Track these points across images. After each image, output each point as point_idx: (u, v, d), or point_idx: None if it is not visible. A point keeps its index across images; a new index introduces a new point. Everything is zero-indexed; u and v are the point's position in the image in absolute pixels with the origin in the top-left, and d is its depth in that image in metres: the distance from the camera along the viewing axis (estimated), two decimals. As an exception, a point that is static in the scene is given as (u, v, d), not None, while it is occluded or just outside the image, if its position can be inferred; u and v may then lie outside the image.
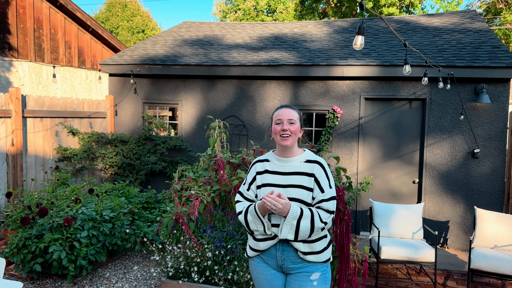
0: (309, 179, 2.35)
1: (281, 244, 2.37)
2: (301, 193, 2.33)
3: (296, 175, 2.37)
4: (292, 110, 2.42)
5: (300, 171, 2.37)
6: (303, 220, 2.25)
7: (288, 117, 2.38)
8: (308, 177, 2.35)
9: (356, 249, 4.23)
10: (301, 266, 2.36)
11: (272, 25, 9.47)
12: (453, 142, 6.07)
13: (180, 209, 4.09)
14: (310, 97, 6.66)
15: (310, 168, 2.37)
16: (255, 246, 2.46)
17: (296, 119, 2.40)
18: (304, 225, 2.25)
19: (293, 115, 2.40)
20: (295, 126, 2.38)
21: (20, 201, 4.94)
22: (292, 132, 2.36)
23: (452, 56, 6.19)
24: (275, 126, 2.40)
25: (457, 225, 6.11)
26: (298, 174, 2.37)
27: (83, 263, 4.30)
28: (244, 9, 21.79)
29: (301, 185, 2.34)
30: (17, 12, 8.64)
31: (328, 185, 2.36)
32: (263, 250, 2.42)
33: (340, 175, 3.85)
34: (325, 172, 2.38)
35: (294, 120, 2.38)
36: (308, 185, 2.34)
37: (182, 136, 7.32)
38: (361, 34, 2.58)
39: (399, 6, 19.30)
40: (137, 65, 7.25)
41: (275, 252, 2.39)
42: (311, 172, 2.36)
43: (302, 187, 2.33)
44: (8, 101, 5.63)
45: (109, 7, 23.86)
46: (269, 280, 2.44)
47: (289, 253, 2.36)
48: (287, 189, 2.34)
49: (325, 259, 2.40)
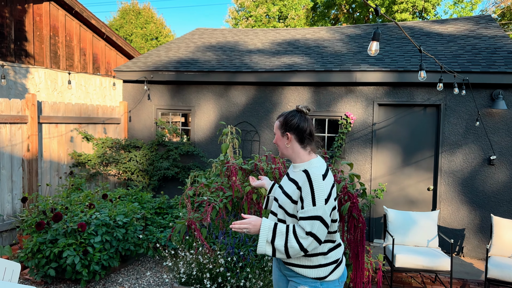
0: (294, 190, 2.20)
1: None
2: (285, 202, 2.24)
3: (291, 183, 2.28)
4: (276, 121, 2.38)
5: (294, 179, 2.26)
6: (277, 237, 2.13)
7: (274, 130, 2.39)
8: (295, 187, 2.20)
9: (370, 257, 4.18)
10: (292, 275, 2.28)
11: (285, 31, 9.48)
12: (469, 148, 5.98)
13: (192, 215, 4.10)
14: (323, 103, 6.64)
15: (300, 178, 2.20)
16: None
17: (276, 129, 2.36)
18: (278, 243, 2.12)
19: (275, 126, 2.37)
20: (276, 136, 2.36)
21: (35, 206, 5.00)
22: (275, 143, 2.38)
23: (467, 62, 6.12)
24: None
25: (473, 233, 6.00)
26: (292, 181, 2.27)
27: (96, 268, 4.32)
28: (256, 16, 21.89)
29: (288, 194, 2.24)
30: (34, 20, 8.81)
31: (310, 201, 2.11)
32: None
33: (353, 182, 3.81)
34: (311, 186, 2.12)
35: (275, 131, 2.37)
36: (292, 196, 2.20)
37: (194, 142, 7.35)
38: (376, 40, 2.56)
39: (412, 12, 19.19)
40: (150, 72, 7.31)
41: None
42: (299, 183, 2.19)
43: (288, 196, 2.24)
44: (25, 107, 5.72)
45: (123, 15, 24.18)
46: (276, 280, 2.47)
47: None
48: (280, 194, 2.33)
49: (315, 276, 2.20)
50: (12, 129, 5.57)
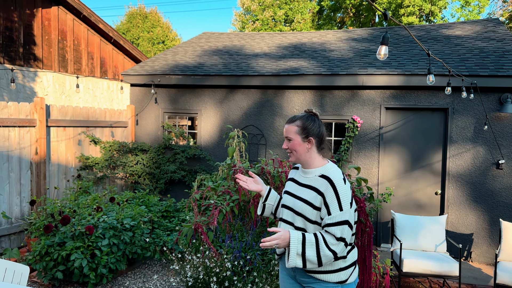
0: (315, 197, 2.19)
1: None
2: (305, 208, 2.21)
3: (307, 189, 2.26)
4: (290, 125, 2.30)
5: (311, 185, 2.25)
6: (308, 248, 2.09)
7: (285, 134, 2.30)
8: (317, 194, 2.19)
9: (377, 261, 4.15)
10: (310, 281, 2.26)
11: (291, 35, 9.50)
12: (477, 152, 5.94)
13: (199, 218, 4.10)
14: (329, 106, 6.63)
15: (319, 184, 2.20)
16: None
17: (293, 134, 2.26)
18: (310, 254, 2.09)
19: (290, 130, 2.28)
20: (292, 142, 2.27)
21: (43, 209, 5.03)
22: (291, 149, 2.29)
23: (475, 65, 6.08)
24: None
25: (481, 238, 5.95)
26: (309, 188, 2.25)
27: (103, 271, 4.34)
28: (262, 20, 21.94)
29: (307, 200, 2.21)
30: (42, 24, 8.89)
31: (337, 207, 2.11)
32: (280, 255, 2.43)
33: (361, 186, 3.79)
34: (335, 191, 2.13)
35: (290, 136, 2.27)
36: (314, 203, 2.18)
37: (201, 145, 7.36)
38: (385, 44, 2.55)
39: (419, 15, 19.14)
40: (158, 75, 7.35)
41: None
42: (320, 189, 2.19)
43: (307, 203, 2.21)
44: (33, 110, 5.77)
45: (130, 19, 24.34)
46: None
47: None
48: (295, 201, 2.28)
49: (337, 280, 2.20)
50: (21, 133, 5.62)
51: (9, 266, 2.72)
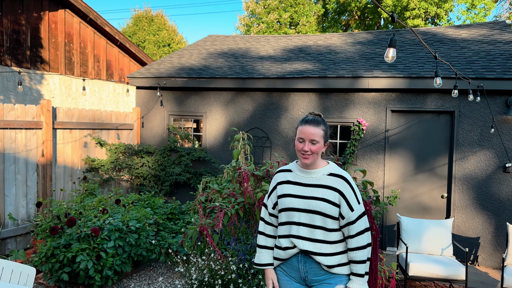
0: (334, 194, 2.26)
1: (303, 256, 2.32)
2: (325, 206, 2.25)
3: (319, 188, 2.30)
4: (315, 128, 2.27)
5: (324, 184, 2.29)
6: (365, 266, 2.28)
7: (310, 137, 2.25)
8: (333, 191, 2.27)
9: (383, 265, 4.13)
10: (324, 278, 2.30)
11: (296, 38, 9.50)
12: (483, 156, 5.90)
13: (204, 220, 4.10)
14: (334, 109, 6.62)
15: (334, 182, 2.29)
16: (276, 254, 2.43)
17: (320, 138, 2.27)
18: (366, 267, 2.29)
19: (316, 134, 2.26)
20: (318, 145, 2.27)
21: (50, 210, 5.05)
22: (313, 152, 2.27)
23: (482, 68, 6.05)
24: (297, 143, 2.31)
25: (488, 241, 5.90)
26: (321, 187, 2.29)
27: (109, 273, 4.35)
28: (267, 22, 21.98)
29: (325, 198, 2.26)
30: (49, 27, 8.96)
31: (356, 202, 2.28)
32: (284, 260, 2.39)
33: (366, 189, 3.78)
34: (351, 187, 2.28)
35: (316, 140, 2.26)
36: (333, 200, 2.26)
37: (206, 147, 7.37)
38: (393, 47, 2.54)
39: (424, 18, 19.09)
40: (163, 78, 7.38)
41: (297, 263, 2.34)
42: (335, 186, 2.27)
43: (326, 200, 2.26)
44: (40, 113, 5.81)
45: (136, 22, 24.48)
46: None
47: (311, 264, 2.30)
48: (308, 201, 2.29)
49: (347, 272, 2.32)
50: (28, 135, 5.65)
51: (15, 267, 2.74)
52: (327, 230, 2.28)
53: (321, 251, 2.27)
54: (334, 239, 2.30)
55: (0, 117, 5.28)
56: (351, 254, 2.28)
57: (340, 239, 2.32)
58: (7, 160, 5.37)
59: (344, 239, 2.33)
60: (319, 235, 2.28)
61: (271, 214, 2.53)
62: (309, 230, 2.29)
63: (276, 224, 2.52)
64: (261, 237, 2.53)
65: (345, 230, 2.30)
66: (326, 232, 2.28)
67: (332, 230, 2.29)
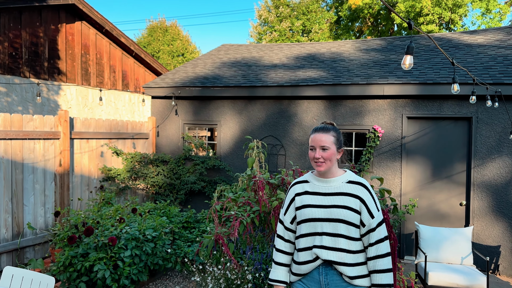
0: (355, 201, 2.25)
1: (324, 267, 2.27)
2: (347, 214, 2.23)
3: (339, 196, 2.28)
4: (325, 134, 2.30)
5: (344, 192, 2.28)
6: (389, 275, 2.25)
7: (320, 144, 2.28)
8: (354, 198, 2.25)
9: (401, 274, 4.06)
10: None
11: (309, 45, 9.51)
12: (503, 162, 5.79)
13: (220, 229, 4.10)
14: (349, 116, 6.58)
15: (353, 189, 2.28)
16: (296, 270, 2.37)
17: (330, 144, 2.28)
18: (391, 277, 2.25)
19: (326, 140, 2.28)
20: (329, 151, 2.28)
21: (67, 220, 5.11)
22: (325, 159, 2.28)
23: (499, 73, 5.96)
24: (310, 151, 2.35)
25: (509, 250, 5.76)
26: (342, 194, 2.27)
27: (126, 282, 4.36)
28: (279, 30, 22.06)
29: (347, 206, 2.24)
30: (66, 38, 9.14)
31: (376, 209, 2.28)
32: (305, 274, 2.34)
33: (384, 197, 3.74)
34: (371, 194, 2.28)
35: (327, 146, 2.27)
36: (354, 207, 2.24)
37: (220, 156, 7.39)
38: (410, 54, 2.52)
39: (438, 23, 18.94)
40: (178, 88, 7.45)
41: (318, 276, 2.29)
42: (356, 193, 2.27)
43: (347, 208, 2.24)
44: (57, 123, 5.91)
45: (151, 32, 24.83)
46: None
47: (333, 276, 2.25)
48: (330, 210, 2.26)
49: (368, 284, 2.28)
50: (46, 145, 5.75)
51: (35, 277, 2.77)
52: (350, 239, 2.25)
53: (344, 261, 2.24)
54: (356, 248, 2.27)
55: (19, 128, 5.38)
56: (372, 263, 2.24)
57: (361, 248, 2.29)
58: (25, 170, 5.47)
59: (364, 249, 2.29)
60: (343, 244, 2.25)
61: (288, 229, 2.46)
62: (332, 240, 2.26)
63: (293, 240, 2.46)
64: (279, 254, 2.47)
65: (365, 239, 2.27)
66: (349, 241, 2.25)
67: (355, 239, 2.26)
